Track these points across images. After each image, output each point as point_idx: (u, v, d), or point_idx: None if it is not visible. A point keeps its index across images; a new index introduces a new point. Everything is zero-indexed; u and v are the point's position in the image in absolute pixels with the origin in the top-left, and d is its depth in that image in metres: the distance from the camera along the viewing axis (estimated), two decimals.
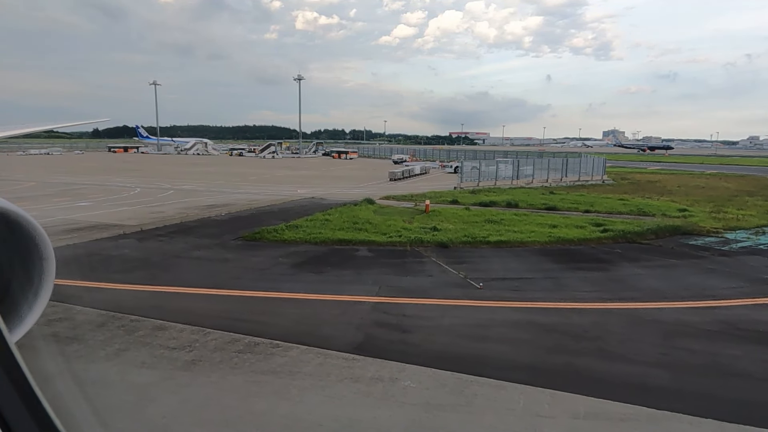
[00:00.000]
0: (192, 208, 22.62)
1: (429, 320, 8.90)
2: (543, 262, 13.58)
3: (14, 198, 25.52)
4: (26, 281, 2.16)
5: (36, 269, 2.19)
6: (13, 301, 2.12)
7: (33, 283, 2.17)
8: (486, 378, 6.58)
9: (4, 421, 1.19)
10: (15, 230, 2.10)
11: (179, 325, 8.44)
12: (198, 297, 10.19)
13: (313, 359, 7.19)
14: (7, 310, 2.06)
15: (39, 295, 2.18)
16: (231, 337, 7.98)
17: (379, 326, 8.58)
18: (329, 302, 9.87)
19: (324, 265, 12.87)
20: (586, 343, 7.87)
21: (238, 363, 7.04)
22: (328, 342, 7.80)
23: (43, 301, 2.22)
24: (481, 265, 13.04)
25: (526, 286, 11.10)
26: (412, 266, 12.85)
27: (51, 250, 2.24)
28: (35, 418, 1.24)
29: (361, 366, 6.97)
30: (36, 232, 2.16)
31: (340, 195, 29.06)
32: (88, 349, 7.49)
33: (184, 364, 7.01)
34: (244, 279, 11.41)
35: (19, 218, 2.09)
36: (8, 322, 2.01)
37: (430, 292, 10.60)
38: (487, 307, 9.62)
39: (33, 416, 1.24)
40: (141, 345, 7.65)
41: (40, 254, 2.19)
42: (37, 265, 2.19)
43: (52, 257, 2.26)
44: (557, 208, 23.90)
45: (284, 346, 7.63)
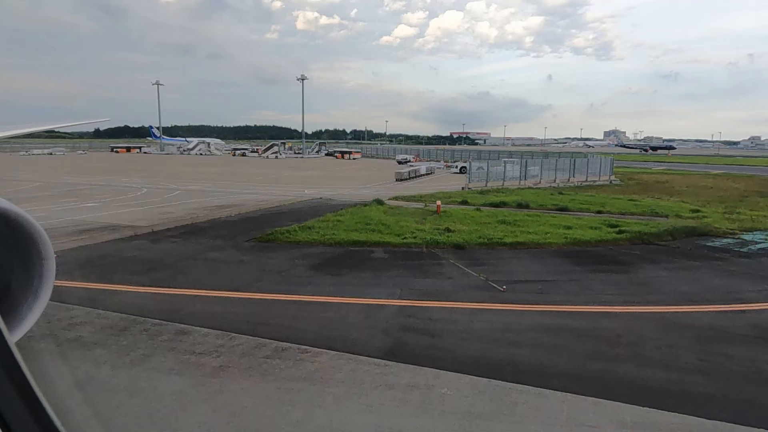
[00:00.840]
0: (201, 209, 22.46)
1: (457, 324, 8.73)
2: (562, 264, 13.40)
3: (21, 198, 25.40)
4: (26, 281, 2.12)
5: (36, 269, 2.14)
6: (13, 301, 2.08)
7: (33, 283, 2.12)
8: (525, 385, 6.41)
9: (4, 421, 1.17)
10: (15, 231, 2.04)
11: (203, 330, 8.27)
12: (218, 300, 10.02)
13: (344, 365, 7.02)
14: (7, 310, 2.01)
15: (39, 296, 2.15)
16: (257, 341, 7.81)
17: (407, 331, 8.40)
18: (352, 305, 9.70)
19: (341, 267, 12.70)
20: (621, 349, 7.69)
21: (268, 369, 6.87)
22: (357, 347, 7.63)
23: (43, 301, 2.20)
24: (500, 267, 12.86)
25: (550, 289, 10.93)
26: (431, 268, 12.67)
27: (51, 250, 2.16)
28: (35, 418, 1.22)
29: (394, 372, 6.80)
30: (36, 233, 2.11)
31: (348, 195, 28.89)
32: (112, 354, 7.32)
33: (212, 370, 6.84)
34: (263, 281, 11.24)
35: (20, 219, 2.04)
36: (8, 322, 1.96)
37: (453, 295, 10.43)
38: (513, 311, 9.45)
39: (33, 416, 1.22)
40: (166, 350, 7.48)
41: (40, 254, 2.14)
42: (37, 266, 2.14)
43: (52, 257, 2.20)
44: (568, 208, 23.72)
45: (313, 351, 7.46)
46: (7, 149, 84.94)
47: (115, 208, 22.38)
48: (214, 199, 26.49)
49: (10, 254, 2.11)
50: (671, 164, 73.92)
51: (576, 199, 27.31)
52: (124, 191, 29.33)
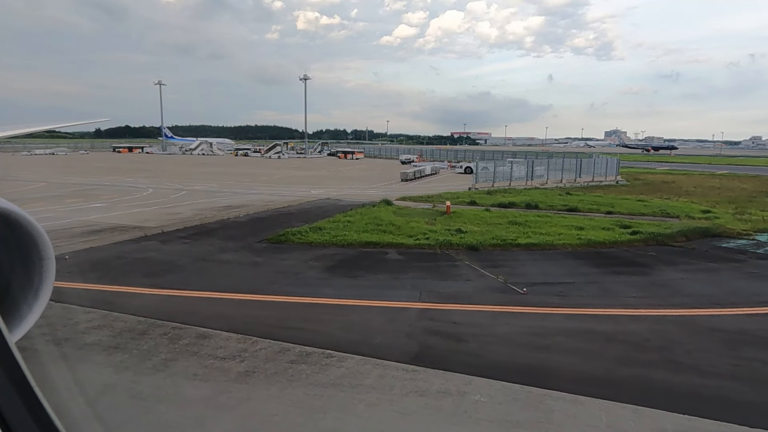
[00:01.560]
0: (209, 209, 22.32)
1: (481, 328, 8.57)
2: (579, 265, 13.25)
3: (27, 199, 25.25)
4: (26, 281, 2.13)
5: (36, 269, 2.16)
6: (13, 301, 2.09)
7: (33, 283, 2.14)
8: (559, 392, 6.25)
9: (4, 421, 1.17)
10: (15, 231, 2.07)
11: (224, 333, 8.12)
12: (236, 303, 9.87)
13: (371, 370, 6.87)
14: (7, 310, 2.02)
15: (39, 296, 2.15)
16: (280, 346, 7.66)
17: (432, 334, 8.25)
18: (373, 308, 9.55)
19: (357, 268, 12.55)
20: (652, 353, 7.54)
21: (294, 375, 6.72)
22: (383, 351, 7.48)
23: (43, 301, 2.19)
24: (517, 268, 12.71)
25: (571, 291, 10.77)
26: (448, 270, 12.53)
27: (51, 250, 2.20)
28: (35, 418, 1.22)
29: (424, 378, 6.65)
30: (36, 232, 2.12)
31: (354, 196, 28.74)
32: (133, 359, 7.17)
33: (237, 375, 6.69)
34: (279, 284, 11.09)
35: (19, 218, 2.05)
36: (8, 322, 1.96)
37: (474, 297, 10.27)
38: (537, 314, 9.29)
39: (33, 416, 1.22)
40: (188, 354, 7.33)
41: (40, 254, 2.14)
42: (37, 265, 2.15)
43: (52, 257, 2.22)
44: (578, 209, 23.55)
45: (338, 356, 7.31)
46: (8, 149, 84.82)
47: (122, 209, 22.23)
48: (220, 199, 26.34)
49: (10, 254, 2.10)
50: (675, 164, 73.71)
51: (584, 199, 27.14)
52: (129, 191, 29.19)
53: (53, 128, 21.62)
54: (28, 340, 7.66)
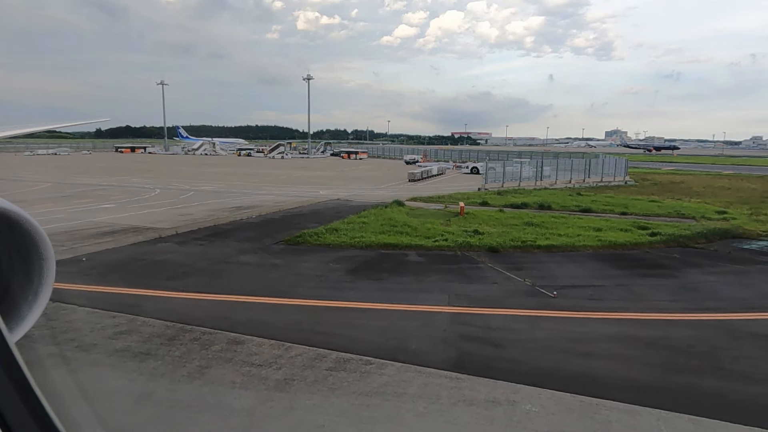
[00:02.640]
0: (220, 210, 22.11)
1: (518, 333, 8.38)
2: (603, 268, 13.05)
3: (35, 199, 25.05)
4: (26, 281, 2.12)
5: (36, 269, 2.14)
6: (13, 301, 2.08)
7: (33, 283, 2.13)
8: (612, 401, 6.05)
9: (4, 421, 1.17)
10: (15, 230, 2.04)
11: (255, 339, 7.92)
12: (262, 306, 9.67)
13: (414, 378, 6.67)
14: (7, 310, 2.02)
15: (39, 296, 2.14)
16: (315, 352, 7.46)
17: (469, 340, 8.05)
18: (403, 312, 9.35)
19: (379, 271, 12.35)
20: (698, 360, 7.34)
21: (335, 383, 6.52)
22: (422, 358, 7.28)
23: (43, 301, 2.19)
24: (541, 271, 12.50)
25: (601, 295, 10.58)
26: (471, 272, 12.33)
27: (51, 250, 2.17)
28: (35, 418, 1.22)
29: (469, 386, 6.44)
30: (36, 232, 2.09)
31: (364, 196, 28.54)
32: (167, 366, 6.96)
33: (276, 383, 6.49)
34: (303, 287, 10.89)
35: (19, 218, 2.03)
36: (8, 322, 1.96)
37: (504, 301, 10.08)
38: (572, 319, 9.09)
39: (33, 416, 1.22)
40: (223, 361, 7.13)
41: (40, 254, 2.12)
42: (37, 265, 2.13)
43: (52, 257, 2.19)
44: (592, 210, 23.36)
45: (377, 362, 7.11)
46: (10, 149, 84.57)
47: (132, 210, 22.02)
48: (230, 200, 26.13)
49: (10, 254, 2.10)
50: (679, 165, 73.48)
51: (596, 200, 26.94)
52: (137, 192, 28.97)
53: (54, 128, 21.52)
54: (57, 346, 7.48)
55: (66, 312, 9.03)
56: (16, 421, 1.19)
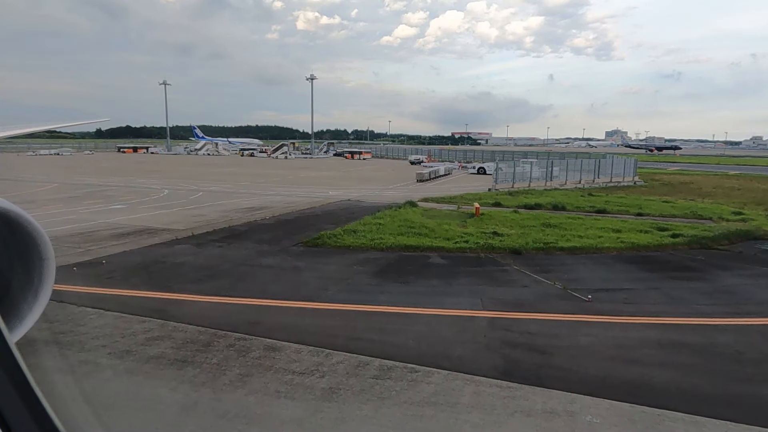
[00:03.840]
0: (232, 211, 21.88)
1: (560, 339, 8.15)
2: (631, 270, 12.84)
3: (44, 200, 24.80)
4: (26, 281, 2.11)
5: (36, 269, 2.12)
6: (13, 301, 2.07)
7: (33, 283, 2.11)
8: (674, 411, 5.83)
9: (4, 421, 1.17)
10: (15, 230, 2.03)
11: (292, 345, 7.70)
12: (292, 311, 9.45)
13: (464, 387, 6.45)
14: (7, 310, 2.01)
15: (39, 296, 2.12)
16: (357, 359, 7.24)
17: (511, 346, 7.83)
18: (438, 317, 9.13)
19: (405, 273, 12.13)
20: (753, 368, 7.12)
21: (383, 392, 6.29)
22: (468, 366, 7.06)
23: (43, 301, 2.17)
24: (568, 273, 12.28)
25: (636, 299, 10.36)
26: (498, 275, 12.11)
27: (51, 250, 2.16)
28: (35, 418, 1.22)
29: (523, 396, 6.22)
30: (36, 233, 2.08)
31: (374, 197, 28.33)
32: (206, 374, 6.73)
33: (323, 393, 6.26)
34: (330, 290, 10.66)
35: (20, 219, 2.02)
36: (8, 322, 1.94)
37: (538, 305, 9.86)
38: (612, 324, 8.87)
39: (33, 416, 1.22)
40: (263, 369, 6.90)
41: (40, 254, 2.11)
42: (37, 266, 2.11)
43: (52, 257, 2.17)
44: (607, 211, 23.14)
45: (422, 370, 6.89)
46: (13, 149, 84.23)
47: (143, 211, 21.79)
48: (240, 200, 25.90)
49: (10, 254, 2.09)
50: (683, 165, 73.33)
51: (609, 200, 26.74)
52: (145, 192, 28.74)
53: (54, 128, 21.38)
54: (88, 353, 7.24)
55: (93, 317, 8.82)
56: (16, 421, 1.18)
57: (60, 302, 9.44)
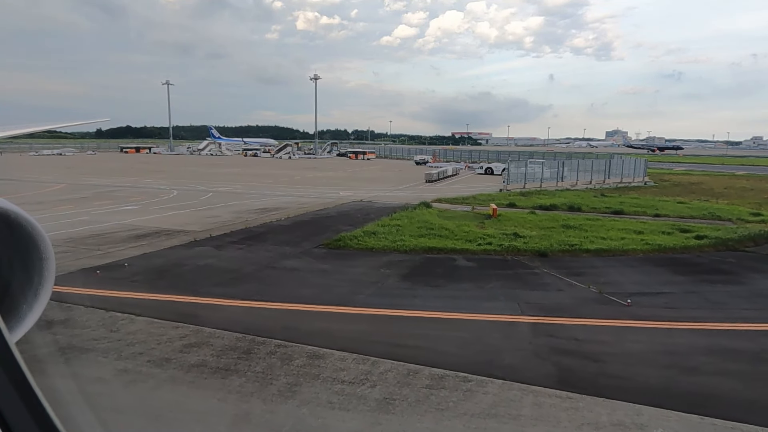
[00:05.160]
0: (245, 212, 21.64)
1: (609, 346, 7.93)
2: (663, 273, 12.62)
3: (54, 201, 24.54)
4: (26, 281, 2.12)
5: (36, 269, 2.14)
6: (13, 301, 2.08)
7: (33, 283, 2.12)
8: (750, 425, 5.60)
9: (4, 421, 1.16)
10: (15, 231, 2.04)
11: (335, 352, 7.46)
12: (327, 316, 9.21)
13: (522, 397, 6.21)
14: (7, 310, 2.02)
15: (39, 295, 2.13)
16: (405, 367, 7.00)
17: (561, 353, 7.60)
18: (479, 323, 8.90)
19: (434, 276, 11.89)
20: None
21: (441, 403, 6.06)
22: (521, 374, 6.83)
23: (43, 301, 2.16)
24: (600, 276, 12.04)
25: (677, 303, 10.14)
26: (529, 278, 11.88)
27: (51, 250, 2.16)
28: (35, 418, 1.20)
29: (586, 407, 5.99)
30: (36, 232, 2.09)
31: (385, 197, 28.10)
32: (253, 384, 6.49)
33: (377, 404, 6.03)
34: (362, 294, 10.43)
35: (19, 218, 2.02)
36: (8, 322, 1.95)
37: (577, 310, 9.63)
38: (658, 330, 8.65)
39: (33, 416, 1.20)
40: (310, 378, 6.66)
41: (40, 254, 2.12)
42: (37, 265, 2.13)
43: (52, 257, 2.17)
44: (623, 212, 22.91)
45: (475, 379, 6.65)
46: (15, 150, 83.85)
47: (156, 212, 21.53)
48: (251, 201, 25.65)
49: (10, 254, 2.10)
50: (688, 165, 73.07)
51: (624, 201, 26.52)
52: (154, 193, 28.48)
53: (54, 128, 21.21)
54: (125, 361, 7.00)
55: (125, 322, 8.58)
56: (16, 421, 1.18)
57: (89, 307, 9.21)
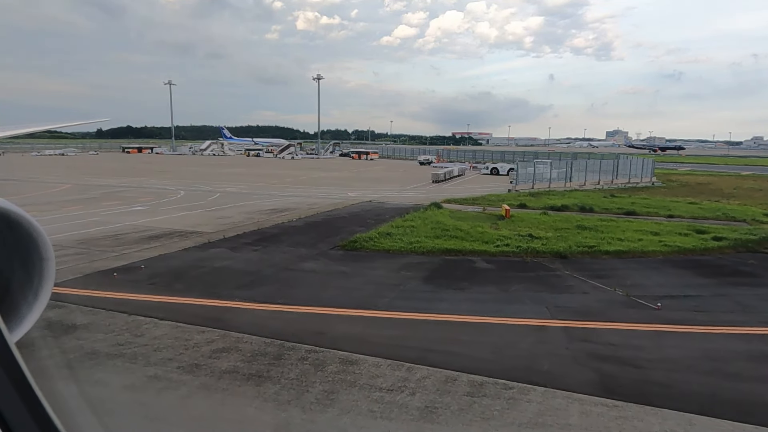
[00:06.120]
0: (256, 213, 21.47)
1: (648, 351, 7.74)
2: (686, 275, 12.45)
3: (61, 201, 24.36)
4: (26, 281, 2.11)
5: (36, 269, 2.11)
6: (13, 301, 2.07)
7: (33, 283, 2.11)
8: None
9: (4, 421, 1.17)
10: (15, 231, 2.01)
11: (369, 358, 7.28)
12: (353, 320, 9.03)
13: (568, 406, 6.03)
14: (7, 310, 2.01)
15: (39, 296, 2.12)
16: (442, 374, 6.82)
17: (599, 359, 7.41)
18: (509, 327, 8.71)
19: (455, 279, 11.72)
20: None
21: (485, 412, 5.87)
22: (561, 381, 6.64)
23: (42, 301, 2.16)
24: (624, 279, 11.85)
25: (707, 306, 9.97)
26: (552, 280, 11.71)
27: (51, 250, 2.15)
28: (35, 418, 1.21)
29: (635, 416, 5.81)
30: (36, 233, 2.07)
31: (394, 198, 27.94)
32: (289, 391, 6.30)
33: (420, 412, 5.84)
34: (386, 297, 10.24)
35: (20, 219, 2.02)
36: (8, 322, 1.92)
37: (608, 314, 9.45)
38: (694, 334, 8.47)
39: (33, 416, 1.21)
40: (347, 385, 6.48)
41: (40, 255, 2.11)
42: (37, 266, 2.11)
43: (52, 258, 2.17)
44: (636, 212, 22.75)
45: (517, 387, 6.47)
46: (17, 149, 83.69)
47: (165, 212, 21.35)
48: (260, 201, 25.48)
49: (10, 254, 2.07)
50: (692, 165, 72.88)
51: (635, 202, 26.35)
52: (161, 194, 28.30)
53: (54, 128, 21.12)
54: (154, 367, 6.81)
55: (148, 326, 8.40)
56: (16, 421, 1.17)
57: (110, 311, 9.04)
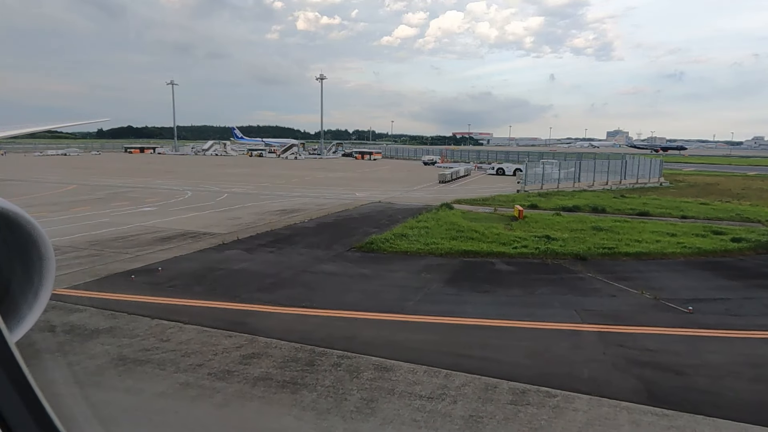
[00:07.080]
0: (266, 214, 21.28)
1: (688, 357, 7.56)
2: (710, 277, 12.29)
3: (69, 202, 24.17)
4: (26, 281, 2.12)
5: (36, 269, 2.14)
6: (13, 301, 2.09)
7: (33, 283, 2.12)
8: None
9: (4, 421, 1.17)
10: (15, 230, 2.03)
11: (404, 364, 7.09)
12: (381, 324, 8.85)
13: (617, 415, 5.85)
14: (7, 310, 2.02)
15: (39, 296, 2.14)
16: (481, 381, 6.63)
17: (639, 365, 7.23)
18: (541, 331, 8.53)
19: (478, 281, 11.54)
20: None
21: (531, 421, 5.69)
22: (605, 389, 6.46)
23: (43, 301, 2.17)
24: (649, 281, 11.67)
25: (738, 310, 9.78)
26: (577, 283, 11.53)
27: (51, 249, 2.14)
28: (35, 418, 1.21)
29: (688, 426, 5.62)
30: (35, 232, 2.08)
31: (403, 199, 27.76)
32: (326, 400, 6.12)
33: (464, 421, 5.66)
34: (411, 300, 10.05)
35: (19, 218, 2.00)
36: (8, 322, 1.94)
37: (639, 318, 9.27)
38: (731, 339, 8.30)
39: (33, 416, 1.21)
40: (384, 392, 6.29)
41: (40, 254, 2.11)
42: (37, 265, 2.13)
43: (51, 257, 2.16)
44: (649, 213, 22.58)
45: (560, 394, 6.29)
46: (19, 150, 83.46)
47: (175, 213, 21.16)
48: (269, 202, 25.28)
49: (9, 254, 2.09)
50: (696, 165, 72.70)
51: (646, 202, 26.18)
52: (168, 194, 28.11)
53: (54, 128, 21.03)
54: (185, 373, 6.62)
55: (174, 331, 8.21)
56: (16, 421, 1.17)
57: (132, 314, 8.85)
